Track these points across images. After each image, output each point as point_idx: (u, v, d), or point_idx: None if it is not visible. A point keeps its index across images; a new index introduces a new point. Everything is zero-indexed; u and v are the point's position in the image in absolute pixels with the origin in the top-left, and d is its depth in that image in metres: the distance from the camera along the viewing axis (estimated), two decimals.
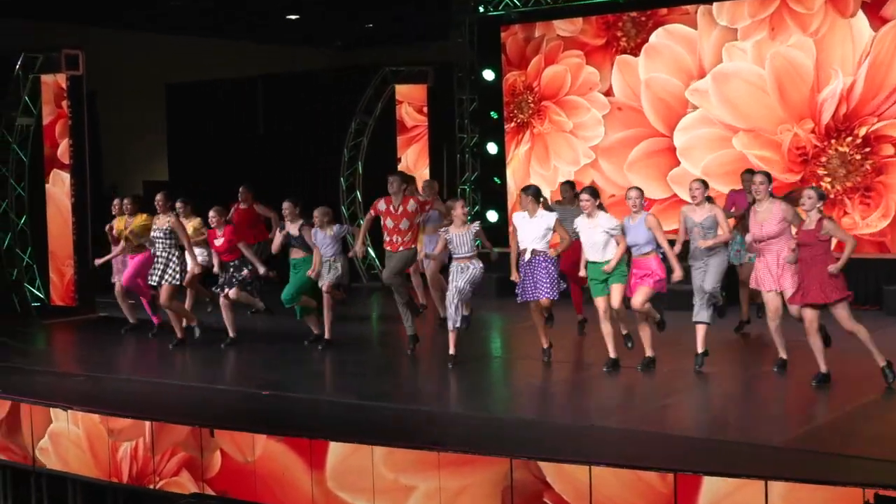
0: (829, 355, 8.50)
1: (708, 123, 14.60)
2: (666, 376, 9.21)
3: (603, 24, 15.32)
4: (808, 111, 13.83)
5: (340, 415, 8.44)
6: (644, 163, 15.15)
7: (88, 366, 10.75)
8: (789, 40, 13.78)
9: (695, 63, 14.60)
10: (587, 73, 15.55)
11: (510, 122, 16.26)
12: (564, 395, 8.91)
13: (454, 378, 9.69)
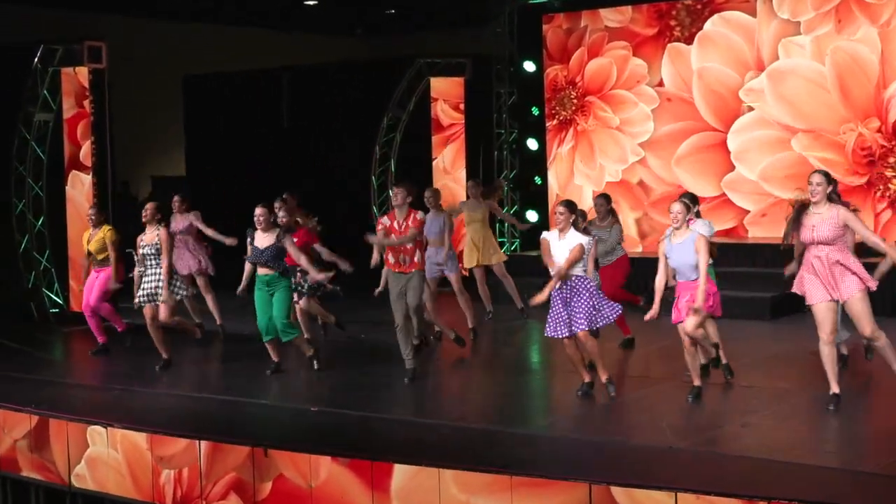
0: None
1: (764, 125, 14.57)
2: (739, 393, 9.26)
3: (655, 13, 15.31)
4: (874, 109, 13.81)
5: (393, 432, 8.47)
6: (693, 158, 15.14)
7: (119, 378, 10.73)
8: (857, 33, 13.77)
9: (752, 54, 14.58)
10: (634, 66, 15.56)
11: (552, 119, 16.26)
12: (631, 413, 8.82)
13: (500, 393, 9.70)
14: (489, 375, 10.78)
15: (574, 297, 8.92)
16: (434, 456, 7.52)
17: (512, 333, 12.91)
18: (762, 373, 9.98)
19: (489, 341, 12.48)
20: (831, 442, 7.84)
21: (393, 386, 10.00)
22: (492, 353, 12.07)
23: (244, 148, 18.54)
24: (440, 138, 16.72)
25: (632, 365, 10.74)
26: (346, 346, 12.10)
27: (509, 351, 12.15)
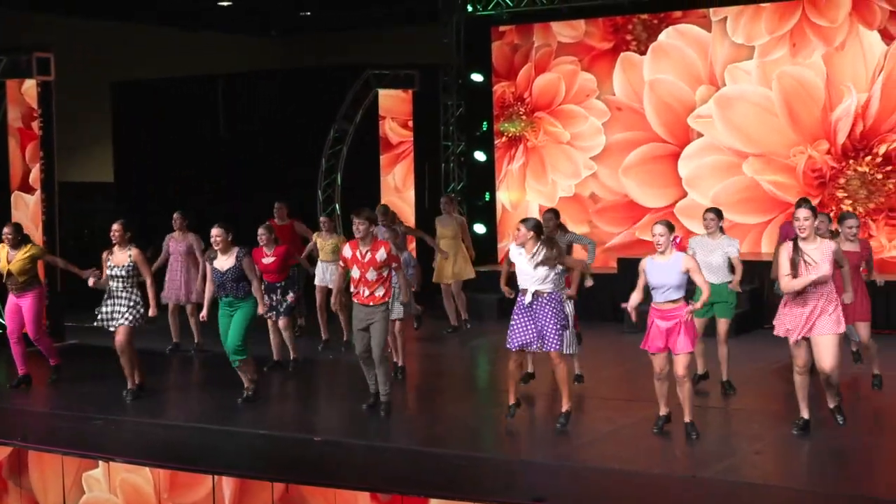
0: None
1: (715, 150, 15.05)
2: (736, 417, 9.64)
3: (611, 27, 15.66)
4: (822, 131, 14.39)
5: (403, 463, 8.53)
6: (641, 168, 15.56)
7: (91, 406, 10.50)
8: (812, 56, 14.35)
9: (705, 69, 15.03)
10: (583, 80, 15.90)
11: (501, 136, 16.52)
12: (638, 439, 8.94)
13: (501, 420, 9.73)
14: (470, 399, 11.01)
15: (546, 312, 9.00)
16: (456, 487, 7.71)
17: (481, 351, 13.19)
18: (748, 394, 10.34)
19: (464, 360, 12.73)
20: (848, 468, 8.12)
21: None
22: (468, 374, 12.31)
23: (177, 156, 18.35)
24: (389, 157, 16.82)
25: (618, 387, 11.05)
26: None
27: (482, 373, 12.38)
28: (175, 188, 18.00)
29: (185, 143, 18.43)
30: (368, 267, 9.57)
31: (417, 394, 11.21)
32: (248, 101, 18.24)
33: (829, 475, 7.93)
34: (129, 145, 19.10)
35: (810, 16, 14.37)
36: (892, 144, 14.03)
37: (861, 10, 14.05)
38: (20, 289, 11.11)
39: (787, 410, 9.71)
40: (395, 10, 18.57)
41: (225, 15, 20.55)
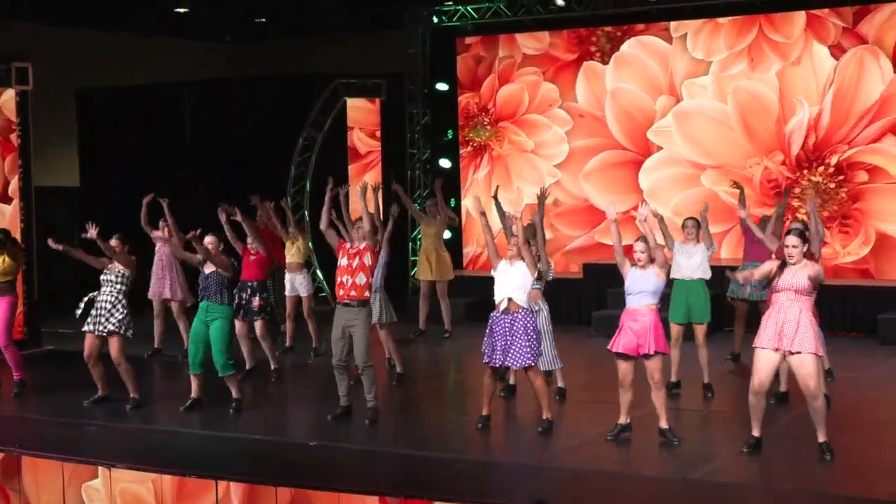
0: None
1: (673, 163, 15.35)
2: (713, 419, 9.96)
3: (575, 39, 15.89)
4: (777, 143, 14.75)
5: (400, 468, 8.65)
6: (601, 174, 15.82)
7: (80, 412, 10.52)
8: (769, 71, 14.71)
9: (666, 80, 15.33)
10: (546, 90, 16.14)
11: (466, 146, 16.71)
12: (622, 442, 9.05)
13: (492, 424, 9.89)
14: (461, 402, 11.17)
15: (517, 330, 9.13)
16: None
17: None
18: (722, 396, 10.62)
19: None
20: (833, 468, 8.25)
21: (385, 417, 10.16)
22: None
23: (144, 163, 18.26)
24: (358, 166, 16.94)
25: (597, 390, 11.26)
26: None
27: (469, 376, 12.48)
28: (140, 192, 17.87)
29: (151, 150, 18.30)
30: (354, 257, 9.73)
31: (401, 398, 11.30)
32: (215, 108, 18.17)
33: (814, 475, 8.16)
34: (95, 151, 18.94)
35: (767, 32, 14.70)
36: (844, 155, 14.41)
37: (815, 27, 14.42)
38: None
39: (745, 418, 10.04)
40: (357, 17, 18.62)
41: (181, 21, 20.49)
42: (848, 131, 14.40)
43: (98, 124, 18.83)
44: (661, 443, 8.90)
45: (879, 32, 14.13)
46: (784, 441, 8.92)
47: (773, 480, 8.14)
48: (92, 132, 18.89)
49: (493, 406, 9.74)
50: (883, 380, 11.10)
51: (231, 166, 17.69)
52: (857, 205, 14.31)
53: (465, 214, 16.70)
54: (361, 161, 16.94)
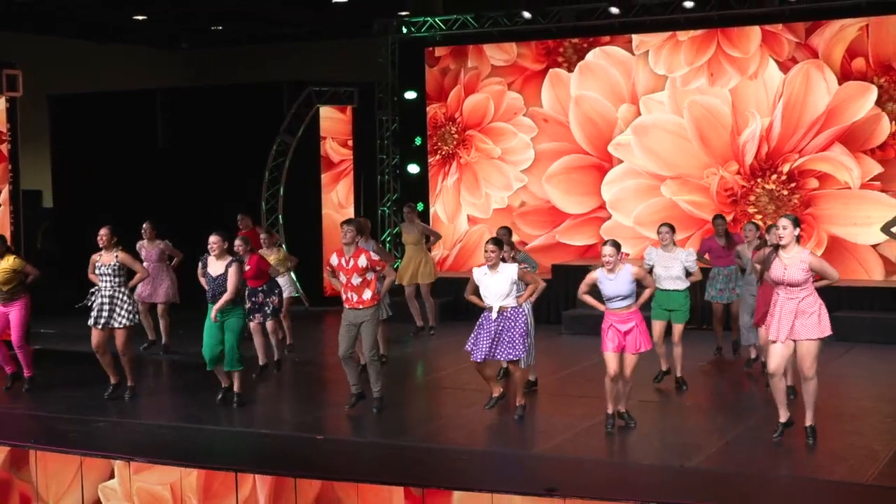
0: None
1: (634, 175, 15.73)
2: (696, 410, 10.29)
3: (543, 50, 16.20)
4: (732, 154, 15.20)
5: (404, 458, 8.79)
6: (563, 177, 16.17)
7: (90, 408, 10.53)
8: (729, 84, 15.15)
9: (628, 88, 15.71)
10: (510, 99, 16.43)
11: (435, 154, 16.92)
12: (622, 434, 9.29)
13: (482, 413, 10.06)
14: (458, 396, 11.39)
15: (505, 327, 9.46)
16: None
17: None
18: (697, 390, 11.01)
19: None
20: (822, 456, 8.58)
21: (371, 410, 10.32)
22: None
23: (115, 169, 18.20)
24: (331, 175, 17.06)
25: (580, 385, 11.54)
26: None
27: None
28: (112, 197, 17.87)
29: (122, 155, 18.25)
30: (352, 273, 9.88)
31: (405, 392, 11.49)
32: (186, 114, 18.17)
33: (802, 463, 8.50)
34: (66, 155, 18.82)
35: (725, 48, 15.14)
36: (795, 163, 14.90)
37: (770, 42, 14.89)
38: (7, 298, 11.08)
39: (740, 405, 10.45)
40: (325, 26, 18.80)
41: (139, 29, 20.45)
42: (798, 141, 14.88)
43: (70, 129, 18.69)
44: (620, 426, 9.33)
45: (828, 46, 14.64)
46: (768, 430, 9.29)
47: (765, 468, 8.48)
48: (64, 137, 18.75)
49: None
50: (846, 374, 11.51)
51: (203, 172, 17.70)
52: (809, 210, 14.80)
53: (433, 217, 16.90)
54: (334, 170, 17.08)
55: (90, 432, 9.74)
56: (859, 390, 10.95)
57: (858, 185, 14.58)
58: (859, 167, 14.56)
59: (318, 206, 16.70)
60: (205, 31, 21.24)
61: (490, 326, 9.51)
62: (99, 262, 10.73)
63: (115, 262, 10.63)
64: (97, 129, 18.36)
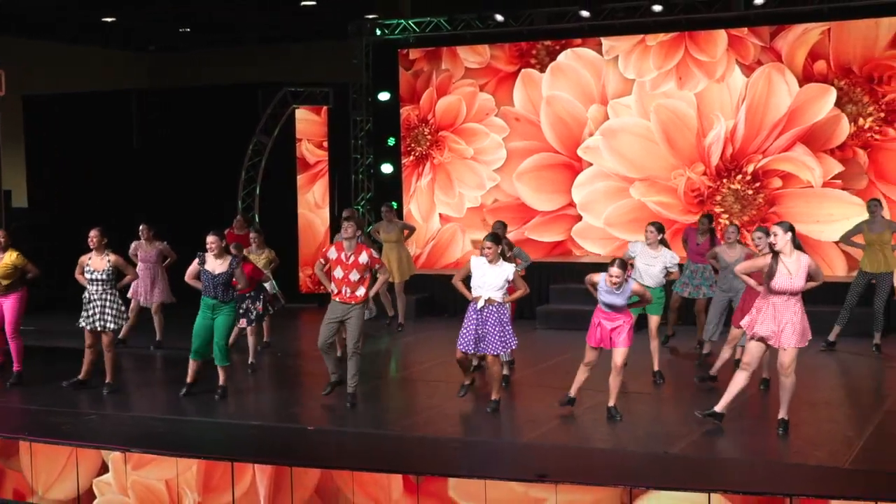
0: None
1: (603, 177, 15.88)
2: (674, 401, 10.46)
3: (516, 52, 16.29)
4: (698, 155, 15.39)
5: (392, 447, 8.88)
6: (534, 175, 16.28)
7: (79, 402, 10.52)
8: (697, 87, 15.34)
9: (598, 89, 15.85)
10: (482, 100, 16.52)
11: (408, 155, 16.97)
12: (605, 422, 9.41)
13: (463, 404, 10.18)
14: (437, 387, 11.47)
15: (491, 321, 9.57)
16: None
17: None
18: (671, 383, 11.16)
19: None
20: (800, 441, 8.76)
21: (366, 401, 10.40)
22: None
23: (90, 169, 18.09)
24: (308, 176, 17.06)
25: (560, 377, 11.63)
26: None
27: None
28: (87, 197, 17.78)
29: (97, 155, 18.14)
30: (352, 269, 9.95)
31: (383, 385, 11.57)
32: (160, 114, 18.11)
33: (779, 448, 8.68)
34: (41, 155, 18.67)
35: (692, 52, 15.33)
36: (759, 164, 15.12)
37: (736, 46, 15.10)
38: (4, 291, 11.08)
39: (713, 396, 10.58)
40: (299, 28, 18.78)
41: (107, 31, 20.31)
42: (761, 142, 15.11)
43: (44, 129, 18.56)
44: (607, 418, 9.46)
45: (792, 49, 14.86)
46: (748, 418, 9.47)
47: (745, 454, 8.65)
48: (38, 137, 18.61)
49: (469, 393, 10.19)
50: (815, 365, 11.63)
51: (178, 172, 17.65)
52: (774, 209, 15.02)
53: (406, 216, 16.95)
54: (310, 171, 17.07)
55: (82, 424, 9.73)
56: (829, 380, 11.16)
57: (820, 184, 14.81)
58: (821, 166, 14.79)
59: (294, 206, 16.70)
60: (173, 34, 21.15)
61: (474, 318, 9.57)
62: (89, 265, 10.65)
63: (108, 268, 10.62)
64: (72, 129, 18.22)
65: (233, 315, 10.49)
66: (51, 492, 8.95)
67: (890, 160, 14.52)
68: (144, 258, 12.86)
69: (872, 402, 10.50)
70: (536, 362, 12.29)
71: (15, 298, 11.11)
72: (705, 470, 8.20)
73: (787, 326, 8.69)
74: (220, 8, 18.24)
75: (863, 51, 14.52)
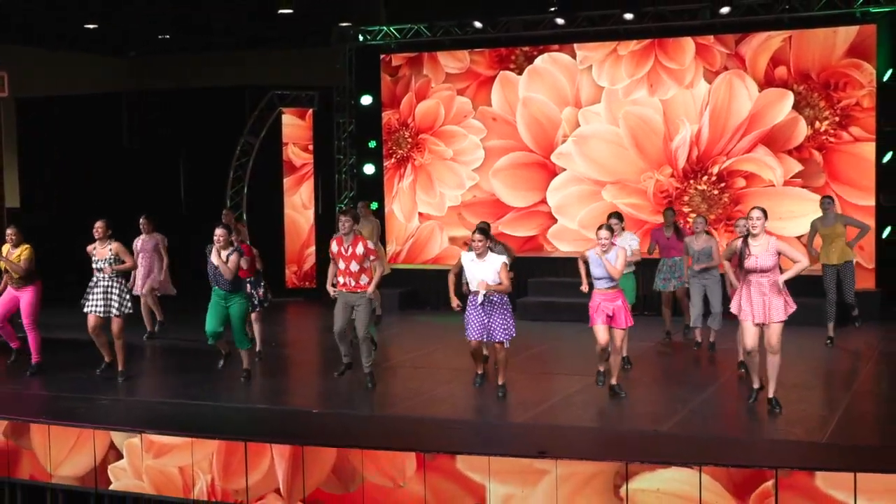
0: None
1: (576, 182, 16.15)
2: (654, 387, 10.74)
3: (496, 58, 16.51)
4: (665, 158, 15.71)
5: (400, 428, 9.07)
6: (509, 172, 16.51)
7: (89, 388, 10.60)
8: (667, 94, 15.64)
9: (572, 93, 16.12)
10: (459, 104, 16.73)
11: (390, 157, 17.14)
12: (595, 404, 9.70)
13: (457, 388, 10.49)
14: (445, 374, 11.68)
15: (495, 311, 9.82)
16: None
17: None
18: (654, 366, 11.51)
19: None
20: (779, 420, 9.01)
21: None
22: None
23: (81, 169, 18.10)
24: (294, 178, 17.23)
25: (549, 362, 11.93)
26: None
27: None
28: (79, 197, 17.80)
29: (88, 156, 18.16)
30: (350, 260, 10.24)
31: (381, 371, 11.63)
32: (150, 116, 18.17)
33: (764, 426, 8.96)
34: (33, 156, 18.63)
35: (662, 60, 15.63)
36: (723, 165, 15.45)
37: (704, 54, 15.43)
38: (20, 283, 11.22)
39: (695, 379, 10.91)
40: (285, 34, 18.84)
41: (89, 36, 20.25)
42: (725, 144, 15.44)
43: (36, 131, 18.53)
44: (610, 395, 9.78)
45: (755, 54, 15.19)
46: (728, 400, 9.77)
47: (729, 431, 8.94)
48: (31, 138, 18.57)
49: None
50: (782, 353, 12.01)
51: (167, 172, 17.73)
52: (739, 207, 15.34)
53: (389, 215, 17.15)
54: (297, 173, 17.24)
55: (96, 409, 9.82)
56: (797, 366, 11.41)
57: (781, 183, 15.17)
58: (781, 166, 15.16)
59: (280, 206, 16.87)
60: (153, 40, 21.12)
61: (479, 310, 9.78)
62: (94, 254, 10.86)
63: (110, 256, 10.77)
64: (63, 130, 18.22)
65: (245, 302, 10.70)
66: (61, 469, 9.08)
67: (843, 162, 14.90)
68: (143, 248, 13.00)
69: (840, 384, 10.86)
70: (519, 351, 12.42)
71: (31, 291, 11.25)
72: (694, 446, 8.44)
73: (770, 301, 9.01)
74: (200, 14, 18.29)
75: (821, 59, 14.89)
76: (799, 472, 7.40)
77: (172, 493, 8.65)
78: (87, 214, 13.68)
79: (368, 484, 8.07)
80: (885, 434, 8.81)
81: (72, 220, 16.92)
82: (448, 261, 16.64)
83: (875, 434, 8.85)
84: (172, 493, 8.65)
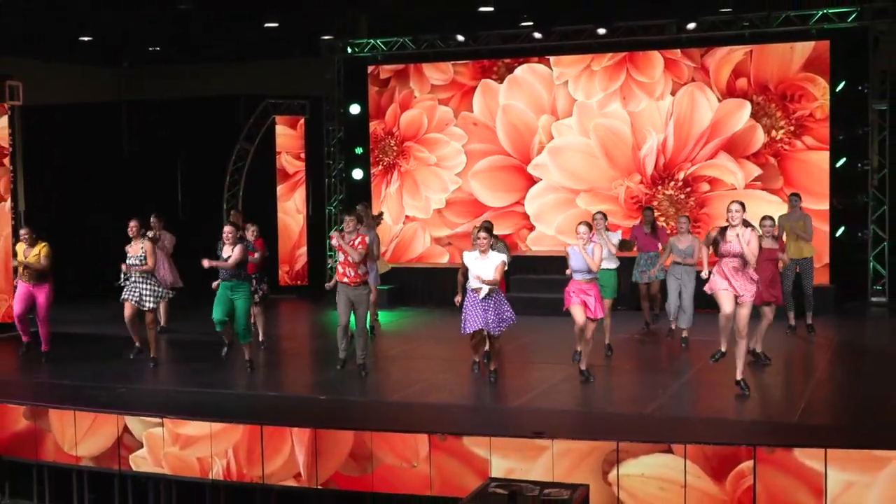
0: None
1: (552, 190, 16.50)
2: (635, 374, 11.05)
3: (479, 69, 16.80)
4: (634, 166, 16.09)
5: (396, 413, 9.33)
6: (487, 174, 16.83)
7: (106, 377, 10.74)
8: (639, 106, 16.00)
9: (549, 102, 16.45)
10: (441, 112, 17.02)
11: (377, 165, 17.38)
12: (581, 389, 9.99)
13: (449, 376, 10.77)
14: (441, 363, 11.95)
15: (494, 306, 10.09)
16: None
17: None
18: (635, 355, 11.87)
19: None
20: (752, 402, 9.36)
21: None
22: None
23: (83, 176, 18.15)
24: (288, 185, 17.44)
25: (534, 353, 12.20)
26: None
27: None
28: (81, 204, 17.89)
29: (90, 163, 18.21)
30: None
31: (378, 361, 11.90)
32: (148, 124, 18.28)
33: (737, 407, 9.27)
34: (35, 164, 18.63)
35: (634, 74, 16.00)
36: (688, 171, 15.84)
37: (672, 68, 15.82)
38: (36, 280, 11.42)
39: (673, 366, 11.24)
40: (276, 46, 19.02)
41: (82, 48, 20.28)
42: (689, 152, 15.83)
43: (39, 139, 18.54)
44: (582, 381, 10.13)
45: (718, 66, 15.60)
46: (703, 384, 10.12)
47: (708, 412, 9.27)
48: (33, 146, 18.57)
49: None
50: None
51: (165, 178, 17.85)
52: (704, 210, 15.76)
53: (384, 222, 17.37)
54: (290, 180, 17.48)
55: (117, 396, 9.98)
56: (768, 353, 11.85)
57: (743, 186, 15.58)
58: (742, 171, 15.58)
59: (274, 209, 17.09)
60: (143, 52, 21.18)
61: (479, 304, 10.02)
62: (129, 251, 11.19)
63: (141, 253, 11.10)
64: (65, 139, 18.27)
65: (249, 298, 10.88)
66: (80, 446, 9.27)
67: (797, 168, 15.34)
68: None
69: (804, 370, 11.26)
70: (505, 343, 12.66)
71: (45, 290, 11.51)
72: (677, 426, 8.74)
73: (744, 285, 9.40)
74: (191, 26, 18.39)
75: (779, 72, 15.33)
76: (778, 448, 7.71)
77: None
78: (85, 217, 13.90)
79: (384, 466, 8.27)
80: (848, 415, 9.17)
81: (71, 222, 17.04)
82: (431, 259, 16.96)
83: (839, 415, 9.20)
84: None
